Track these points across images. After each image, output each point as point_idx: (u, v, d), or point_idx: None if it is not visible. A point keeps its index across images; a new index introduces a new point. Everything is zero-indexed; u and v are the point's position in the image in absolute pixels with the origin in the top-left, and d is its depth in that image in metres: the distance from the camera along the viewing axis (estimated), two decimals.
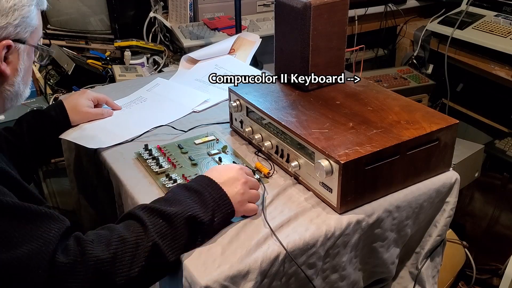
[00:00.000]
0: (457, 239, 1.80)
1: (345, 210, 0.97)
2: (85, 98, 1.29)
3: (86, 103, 1.29)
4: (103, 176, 1.23)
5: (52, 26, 1.97)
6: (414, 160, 1.02)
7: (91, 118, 1.29)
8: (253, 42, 1.66)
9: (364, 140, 0.98)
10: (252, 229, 0.93)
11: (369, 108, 1.11)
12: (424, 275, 1.16)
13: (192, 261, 0.87)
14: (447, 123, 1.05)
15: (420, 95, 2.25)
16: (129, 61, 1.88)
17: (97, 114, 1.31)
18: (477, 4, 2.22)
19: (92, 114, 1.29)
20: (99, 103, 1.34)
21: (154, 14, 2.04)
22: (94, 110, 1.30)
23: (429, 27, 2.25)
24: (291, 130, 1.03)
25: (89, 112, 1.29)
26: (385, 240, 1.04)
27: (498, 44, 1.98)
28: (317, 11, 1.10)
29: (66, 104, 1.26)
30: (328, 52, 1.17)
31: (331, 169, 0.94)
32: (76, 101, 1.28)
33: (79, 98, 1.29)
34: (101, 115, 1.31)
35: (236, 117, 1.24)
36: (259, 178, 1.06)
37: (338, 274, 1.01)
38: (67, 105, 1.26)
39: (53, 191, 1.74)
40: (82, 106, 1.28)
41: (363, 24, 2.42)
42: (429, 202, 1.08)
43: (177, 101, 1.42)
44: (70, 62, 1.70)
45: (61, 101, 1.27)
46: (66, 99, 1.29)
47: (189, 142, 1.21)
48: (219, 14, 2.06)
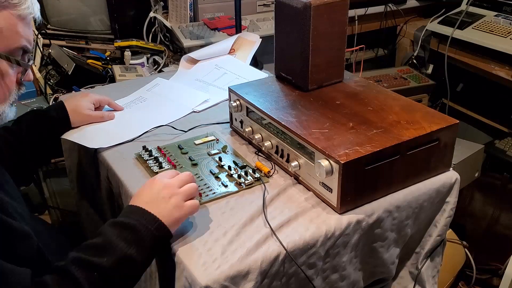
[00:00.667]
0: (457, 239, 1.80)
1: (345, 210, 0.97)
2: (86, 101, 1.29)
3: (87, 106, 1.28)
4: (103, 176, 1.23)
5: (52, 26, 1.97)
6: (414, 160, 1.02)
7: (92, 121, 1.29)
8: (253, 42, 1.66)
9: (364, 140, 0.98)
10: (252, 229, 0.93)
11: (369, 108, 1.11)
12: (424, 275, 1.16)
13: (192, 261, 0.87)
14: (447, 123, 1.05)
15: (420, 95, 2.25)
16: (129, 61, 1.88)
17: (97, 117, 1.30)
18: (477, 4, 2.22)
19: (92, 117, 1.29)
20: (101, 105, 1.33)
21: (154, 14, 2.04)
22: (94, 113, 1.30)
23: (429, 27, 2.25)
24: (291, 130, 1.03)
25: (90, 115, 1.28)
26: (385, 240, 1.04)
27: (498, 44, 1.98)
28: (317, 11, 1.10)
29: (67, 105, 1.26)
30: (328, 52, 1.17)
31: (331, 169, 0.94)
32: (78, 102, 1.27)
33: (80, 100, 1.28)
34: (101, 118, 1.31)
35: (236, 117, 1.24)
36: (259, 177, 1.06)
37: (338, 274, 1.01)
38: (68, 106, 1.26)
39: (53, 191, 1.74)
40: (83, 108, 1.27)
41: (363, 24, 2.42)
42: (429, 202, 1.08)
43: (177, 101, 1.42)
44: (70, 62, 1.70)
45: (62, 102, 1.27)
46: (67, 100, 1.29)
47: (189, 142, 1.21)
48: (219, 14, 2.06)
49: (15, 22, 0.89)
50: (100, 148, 1.20)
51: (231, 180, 1.07)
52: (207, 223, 0.95)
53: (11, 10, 0.88)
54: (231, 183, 1.06)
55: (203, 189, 1.04)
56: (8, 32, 0.88)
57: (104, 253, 0.83)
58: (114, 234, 0.84)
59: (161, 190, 0.90)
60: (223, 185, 1.05)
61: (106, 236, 0.85)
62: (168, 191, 0.90)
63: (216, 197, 1.02)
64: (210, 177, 1.08)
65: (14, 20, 0.89)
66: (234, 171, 1.09)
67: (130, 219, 0.86)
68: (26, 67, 0.94)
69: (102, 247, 0.84)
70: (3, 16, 0.87)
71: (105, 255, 0.82)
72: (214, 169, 1.10)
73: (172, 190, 0.90)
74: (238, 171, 1.09)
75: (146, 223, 0.86)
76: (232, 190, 1.04)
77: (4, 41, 0.88)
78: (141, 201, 0.90)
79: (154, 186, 0.91)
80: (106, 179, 1.19)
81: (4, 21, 0.87)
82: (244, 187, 1.04)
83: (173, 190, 0.90)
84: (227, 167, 1.10)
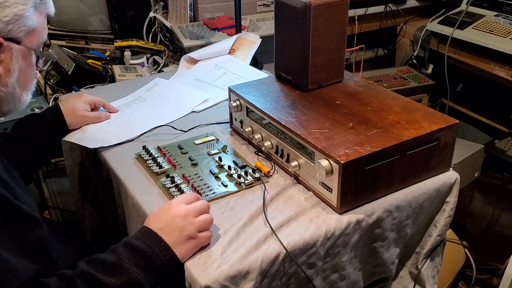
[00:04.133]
0: (457, 239, 1.80)
1: (345, 210, 0.97)
2: (82, 102, 1.28)
3: (83, 107, 1.27)
4: (103, 176, 1.23)
5: (52, 26, 1.97)
6: (414, 160, 1.02)
7: (88, 122, 1.28)
8: (253, 42, 1.66)
9: (364, 140, 0.98)
10: (252, 229, 0.93)
11: (369, 108, 1.11)
12: (424, 275, 1.16)
13: (192, 261, 0.87)
14: (447, 123, 1.05)
15: (420, 95, 2.25)
16: (129, 61, 1.88)
17: (94, 118, 1.29)
18: (477, 4, 2.22)
19: (89, 118, 1.28)
20: (96, 106, 1.32)
21: (154, 14, 2.04)
22: (91, 114, 1.29)
23: (429, 27, 2.25)
24: (291, 130, 1.03)
25: (86, 116, 1.28)
26: (385, 240, 1.04)
27: (498, 44, 1.97)
28: (317, 11, 1.10)
29: (63, 107, 1.25)
30: (328, 52, 1.17)
31: (331, 169, 0.94)
32: (73, 104, 1.27)
33: (76, 102, 1.28)
34: (98, 118, 1.30)
35: (236, 117, 1.24)
36: (259, 177, 1.06)
37: (338, 274, 1.01)
38: (64, 108, 1.25)
39: (53, 191, 1.74)
40: (79, 109, 1.26)
41: (363, 24, 2.42)
42: (429, 202, 1.08)
43: (176, 101, 1.42)
44: (70, 62, 1.70)
45: (57, 105, 1.27)
46: (63, 102, 1.28)
47: (189, 142, 1.21)
48: (219, 14, 2.06)
49: (44, 20, 0.97)
50: (100, 148, 1.20)
51: (231, 180, 1.07)
52: None
53: (41, 9, 0.96)
54: (231, 183, 1.06)
55: (203, 189, 1.04)
56: (40, 30, 0.96)
57: (113, 273, 0.83)
58: (127, 256, 0.85)
59: (176, 218, 0.88)
60: (223, 185, 1.05)
61: (119, 256, 0.85)
62: (184, 220, 0.88)
63: (216, 197, 1.02)
64: (210, 177, 1.08)
65: (43, 18, 0.97)
66: (234, 171, 1.09)
67: (145, 244, 0.86)
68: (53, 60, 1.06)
69: (112, 266, 0.84)
70: (37, 16, 0.94)
71: (114, 276, 0.83)
72: (214, 169, 1.10)
73: (188, 220, 0.88)
74: (238, 171, 1.09)
75: (160, 252, 0.86)
76: (232, 190, 1.04)
77: (38, 38, 0.96)
78: (156, 225, 0.89)
79: (170, 212, 0.90)
80: (106, 179, 1.19)
81: (37, 21, 0.94)
82: (244, 187, 1.04)
83: (189, 219, 0.89)
84: (227, 167, 1.10)
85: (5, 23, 0.88)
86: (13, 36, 0.91)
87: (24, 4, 0.91)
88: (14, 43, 0.91)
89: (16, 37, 0.91)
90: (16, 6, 0.89)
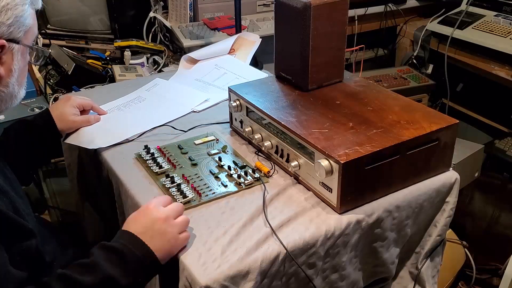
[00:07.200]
0: (457, 239, 1.80)
1: (345, 210, 0.97)
2: (70, 106, 1.26)
3: (72, 111, 1.25)
4: (103, 176, 1.23)
5: (52, 26, 1.97)
6: (414, 160, 1.02)
7: (78, 126, 1.27)
8: (253, 42, 1.66)
9: (364, 140, 0.98)
10: (252, 229, 0.93)
11: (369, 108, 1.11)
12: (424, 275, 1.16)
13: (192, 261, 0.87)
14: (447, 123, 1.05)
15: (420, 95, 2.25)
16: (129, 61, 1.88)
17: (83, 122, 1.27)
18: (477, 4, 2.22)
19: (78, 123, 1.27)
20: (84, 109, 1.30)
21: (154, 14, 2.04)
22: (80, 118, 1.27)
23: (429, 27, 2.25)
24: (291, 130, 1.03)
25: (76, 121, 1.26)
26: (385, 240, 1.04)
27: (498, 44, 1.98)
28: (317, 11, 1.10)
29: (53, 112, 1.23)
30: (328, 52, 1.17)
31: (331, 169, 0.94)
32: (62, 109, 1.25)
33: (64, 107, 1.26)
34: (87, 122, 1.28)
35: (236, 117, 1.24)
36: (259, 177, 1.06)
37: (338, 274, 1.01)
38: (54, 113, 1.23)
39: (53, 191, 1.74)
40: (68, 114, 1.24)
41: (363, 24, 2.42)
42: (429, 202, 1.08)
43: (176, 100, 1.42)
44: (70, 62, 1.70)
45: (47, 110, 1.25)
46: (52, 107, 1.27)
47: (189, 142, 1.21)
48: (219, 14, 2.06)
49: (35, 15, 0.98)
50: (100, 148, 1.20)
51: (231, 180, 1.07)
52: (207, 223, 0.95)
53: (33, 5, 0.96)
54: (231, 183, 1.06)
55: (203, 189, 1.04)
56: (34, 26, 0.97)
57: (89, 272, 0.84)
58: (101, 256, 0.86)
59: (157, 221, 0.89)
60: (223, 185, 1.05)
61: (94, 256, 0.86)
62: (164, 223, 0.89)
63: (216, 197, 1.02)
64: (210, 177, 1.08)
65: (34, 14, 0.97)
66: (234, 171, 1.09)
67: (118, 243, 0.87)
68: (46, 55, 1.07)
69: (87, 266, 0.85)
70: (31, 13, 0.95)
71: (90, 275, 0.83)
72: (214, 169, 1.10)
73: (168, 222, 0.89)
74: (238, 171, 1.09)
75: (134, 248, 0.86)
76: (232, 190, 1.04)
77: (32, 35, 0.97)
78: (135, 228, 0.89)
79: (149, 215, 0.90)
80: (106, 179, 1.19)
81: (32, 18, 0.95)
82: (244, 187, 1.04)
83: (169, 222, 0.89)
84: (227, 167, 1.10)
85: (8, 26, 0.89)
86: (13, 37, 0.91)
87: (23, 5, 0.91)
88: (14, 44, 0.92)
89: (16, 37, 0.92)
90: (17, 8, 0.90)
